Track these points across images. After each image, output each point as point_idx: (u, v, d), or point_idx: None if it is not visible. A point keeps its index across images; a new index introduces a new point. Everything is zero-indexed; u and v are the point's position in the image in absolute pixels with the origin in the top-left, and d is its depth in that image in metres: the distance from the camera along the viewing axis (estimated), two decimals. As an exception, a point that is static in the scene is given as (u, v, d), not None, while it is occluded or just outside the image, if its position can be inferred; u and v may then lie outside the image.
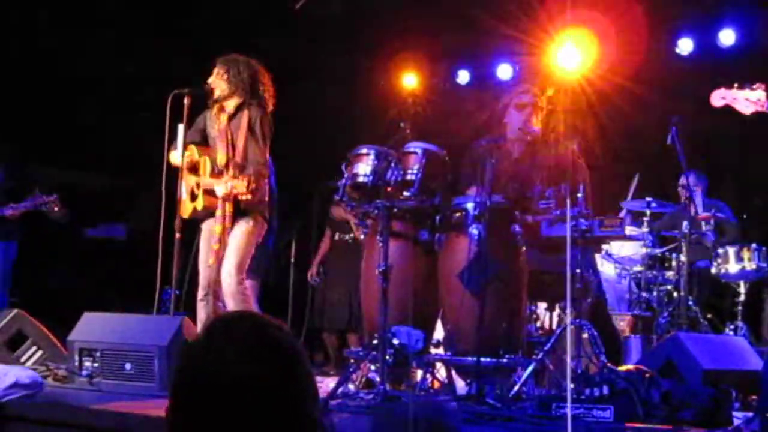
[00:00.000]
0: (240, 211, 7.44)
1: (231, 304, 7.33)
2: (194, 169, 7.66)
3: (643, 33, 10.73)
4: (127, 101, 11.71)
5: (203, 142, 7.71)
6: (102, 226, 13.83)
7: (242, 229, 7.44)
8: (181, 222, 7.50)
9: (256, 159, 7.43)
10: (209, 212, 7.51)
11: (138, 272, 9.96)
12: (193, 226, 7.66)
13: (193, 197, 7.55)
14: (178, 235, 7.45)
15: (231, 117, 7.55)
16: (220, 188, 7.30)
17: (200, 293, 7.53)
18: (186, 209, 7.60)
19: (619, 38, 10.73)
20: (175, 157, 7.60)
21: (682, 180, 9.67)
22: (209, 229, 7.55)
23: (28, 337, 7.87)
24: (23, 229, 9.92)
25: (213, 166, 7.48)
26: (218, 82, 7.56)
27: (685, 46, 11.17)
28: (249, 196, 7.17)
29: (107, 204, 14.32)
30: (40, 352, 7.84)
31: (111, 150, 12.71)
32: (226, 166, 7.44)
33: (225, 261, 7.42)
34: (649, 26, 10.75)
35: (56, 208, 9.50)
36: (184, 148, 7.52)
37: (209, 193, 7.46)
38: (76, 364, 7.02)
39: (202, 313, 7.46)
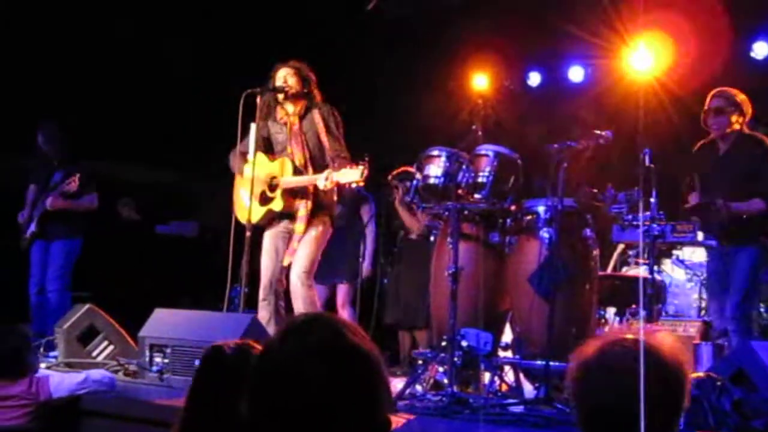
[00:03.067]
0: (315, 210, 7.50)
1: (300, 307, 7.38)
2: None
3: (717, 37, 10.62)
4: (201, 99, 11.80)
5: (265, 149, 7.75)
6: (174, 224, 13.94)
7: (314, 233, 7.51)
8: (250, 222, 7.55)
9: (339, 154, 7.48)
10: (285, 213, 7.56)
11: (208, 269, 10.06)
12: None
13: (265, 200, 7.57)
14: (248, 233, 7.50)
15: (301, 118, 7.61)
16: (322, 181, 7.30)
17: (262, 293, 7.58)
18: (256, 213, 7.61)
19: (693, 42, 10.63)
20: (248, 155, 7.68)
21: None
22: (281, 228, 7.61)
23: (99, 332, 7.96)
24: (89, 226, 9.98)
25: (293, 166, 7.51)
26: (293, 81, 7.62)
27: (760, 50, 11.03)
28: (362, 184, 7.24)
29: (179, 201, 14.45)
30: (111, 347, 7.93)
31: (183, 148, 12.82)
32: (305, 165, 7.50)
33: (295, 264, 7.47)
34: (724, 30, 10.64)
35: (74, 184, 9.53)
36: (255, 148, 7.58)
37: (290, 192, 7.50)
38: (147, 359, 7.10)
39: (264, 312, 7.51)
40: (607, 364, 2.57)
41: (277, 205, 7.53)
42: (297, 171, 7.51)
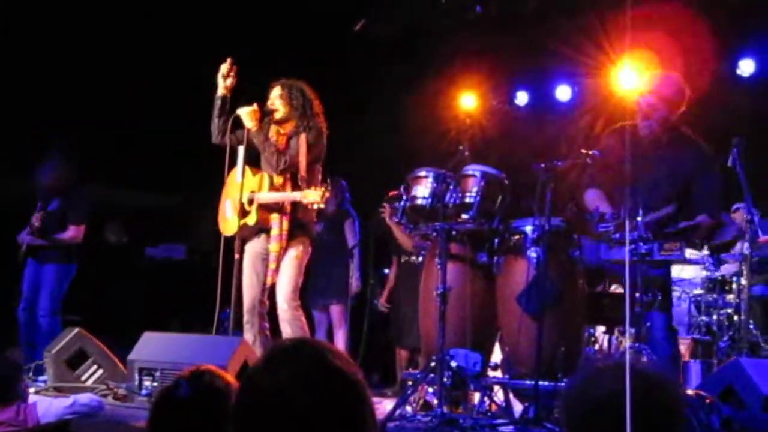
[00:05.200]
0: (294, 230, 7.50)
1: (288, 331, 7.36)
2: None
3: (703, 54, 10.66)
4: (189, 121, 11.81)
5: (251, 162, 7.76)
6: (162, 246, 13.95)
7: (294, 253, 7.50)
8: (240, 243, 7.56)
9: (315, 177, 7.51)
10: (258, 228, 7.56)
11: (197, 292, 10.04)
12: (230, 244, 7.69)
13: (244, 213, 7.56)
14: (237, 255, 7.50)
15: (289, 138, 7.61)
16: (296, 197, 7.36)
17: (246, 316, 7.56)
18: (231, 226, 7.66)
19: (679, 60, 10.66)
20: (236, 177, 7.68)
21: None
22: (259, 249, 7.60)
23: (89, 356, 7.93)
24: (81, 250, 9.98)
25: (271, 182, 7.52)
26: (279, 103, 7.63)
27: (746, 67, 11.07)
28: (323, 206, 7.29)
29: (168, 224, 14.45)
30: (100, 371, 7.90)
31: (172, 171, 12.82)
32: (283, 185, 7.50)
33: (279, 287, 7.47)
34: (710, 47, 10.68)
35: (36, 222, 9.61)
36: (244, 170, 7.59)
37: (265, 208, 7.51)
38: (136, 383, 7.07)
39: (248, 334, 7.49)
40: (597, 397, 2.55)
41: (251, 219, 7.52)
42: (274, 188, 7.52)
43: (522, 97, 12.99)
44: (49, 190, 9.94)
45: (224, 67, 7.75)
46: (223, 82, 7.76)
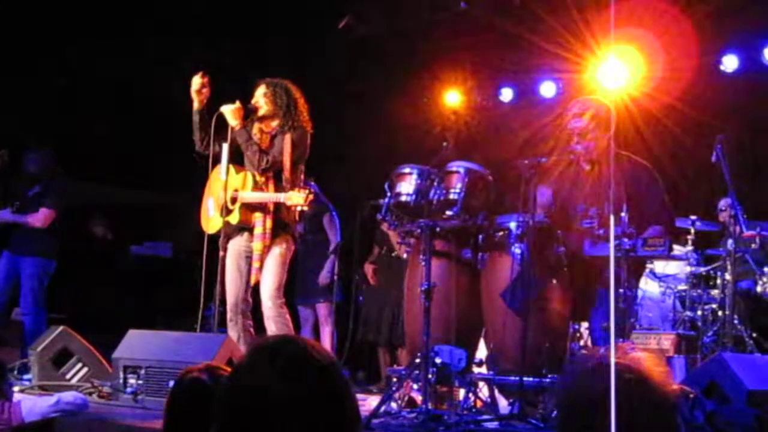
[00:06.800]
0: (277, 229, 7.50)
1: (273, 328, 7.37)
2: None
3: (687, 50, 10.68)
4: (174, 118, 11.82)
5: (234, 160, 7.74)
6: (147, 244, 13.94)
7: (278, 251, 7.51)
8: (225, 240, 7.55)
9: (298, 177, 7.52)
10: (240, 227, 7.56)
11: (182, 289, 10.03)
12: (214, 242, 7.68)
13: (227, 212, 7.55)
14: (222, 252, 7.50)
15: (273, 137, 7.61)
16: (280, 199, 7.36)
17: (228, 314, 7.56)
18: (213, 224, 7.67)
19: (663, 56, 10.68)
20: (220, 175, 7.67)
21: (723, 202, 9.74)
22: (242, 247, 7.60)
23: (73, 354, 7.92)
24: (62, 246, 9.96)
25: (254, 181, 7.52)
26: (263, 101, 7.63)
27: (729, 63, 11.09)
28: (306, 208, 7.27)
29: (152, 222, 14.42)
30: (85, 369, 7.89)
31: (157, 168, 12.79)
32: (266, 183, 7.50)
33: (263, 285, 7.48)
34: (693, 43, 10.70)
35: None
36: (227, 167, 7.57)
37: (248, 207, 7.51)
38: (121, 381, 7.05)
39: (232, 332, 7.48)
40: (592, 395, 2.53)
41: (234, 218, 7.51)
42: (257, 187, 7.52)
43: (506, 94, 13.00)
44: (31, 178, 9.96)
45: (196, 82, 7.69)
46: (198, 96, 7.71)
